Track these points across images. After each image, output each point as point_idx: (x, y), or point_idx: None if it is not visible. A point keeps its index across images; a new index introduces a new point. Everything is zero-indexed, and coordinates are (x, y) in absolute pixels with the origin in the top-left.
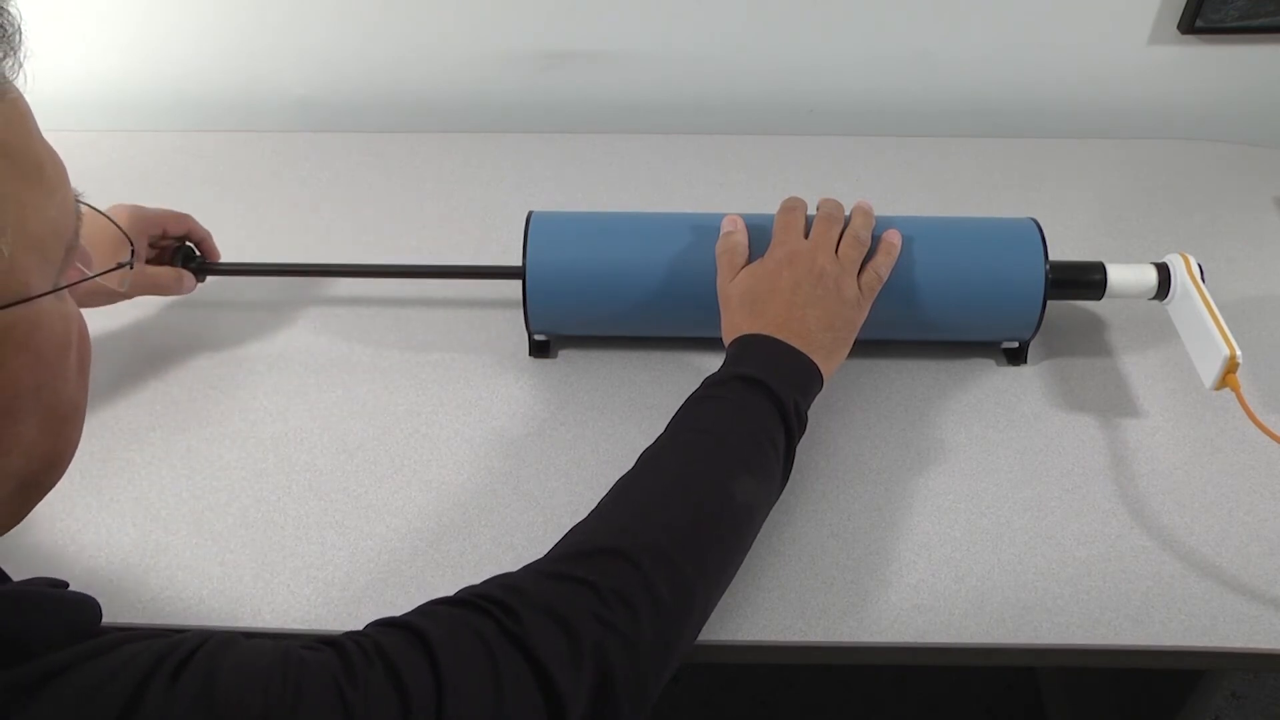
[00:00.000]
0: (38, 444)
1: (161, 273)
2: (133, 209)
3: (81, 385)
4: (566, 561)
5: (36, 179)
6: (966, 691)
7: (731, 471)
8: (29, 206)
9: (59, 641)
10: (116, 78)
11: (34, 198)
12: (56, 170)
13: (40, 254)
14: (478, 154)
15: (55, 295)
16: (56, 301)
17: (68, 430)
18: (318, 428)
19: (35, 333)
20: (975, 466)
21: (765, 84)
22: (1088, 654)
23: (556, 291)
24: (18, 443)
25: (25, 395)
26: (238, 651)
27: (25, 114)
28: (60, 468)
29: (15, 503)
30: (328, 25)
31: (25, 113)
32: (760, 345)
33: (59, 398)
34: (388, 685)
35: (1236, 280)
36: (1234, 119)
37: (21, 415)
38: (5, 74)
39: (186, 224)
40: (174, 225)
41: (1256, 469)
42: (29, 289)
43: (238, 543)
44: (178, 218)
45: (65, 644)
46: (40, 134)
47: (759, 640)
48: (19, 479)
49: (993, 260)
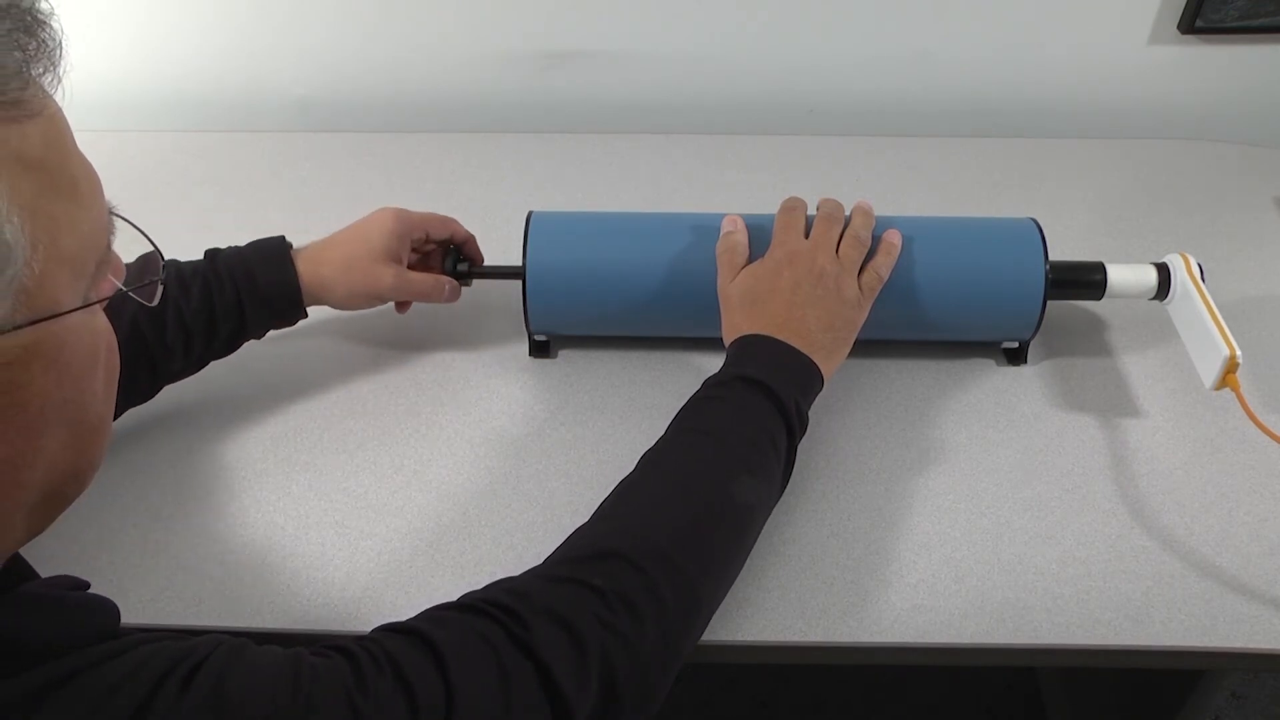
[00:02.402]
0: (63, 457)
1: (423, 280)
2: (396, 212)
3: (108, 399)
4: (570, 565)
5: (71, 195)
6: (966, 691)
7: (733, 472)
8: (62, 223)
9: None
10: (116, 78)
11: (68, 214)
12: (91, 185)
13: (71, 269)
14: (478, 154)
15: (86, 310)
16: (86, 316)
17: (94, 443)
18: (318, 428)
19: (64, 348)
20: (975, 466)
21: (765, 84)
22: (1088, 654)
23: (556, 291)
24: (43, 455)
25: (52, 409)
26: (249, 658)
27: (64, 130)
28: (85, 480)
29: (39, 514)
30: (328, 25)
31: (64, 129)
32: (761, 345)
33: (86, 412)
34: (397, 692)
35: (1236, 280)
36: (1234, 119)
37: (48, 429)
38: (45, 89)
39: (450, 226)
40: (437, 228)
41: (1256, 469)
42: (59, 305)
43: (238, 543)
44: (441, 221)
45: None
46: (77, 149)
47: (759, 640)
48: (43, 491)
49: (993, 260)
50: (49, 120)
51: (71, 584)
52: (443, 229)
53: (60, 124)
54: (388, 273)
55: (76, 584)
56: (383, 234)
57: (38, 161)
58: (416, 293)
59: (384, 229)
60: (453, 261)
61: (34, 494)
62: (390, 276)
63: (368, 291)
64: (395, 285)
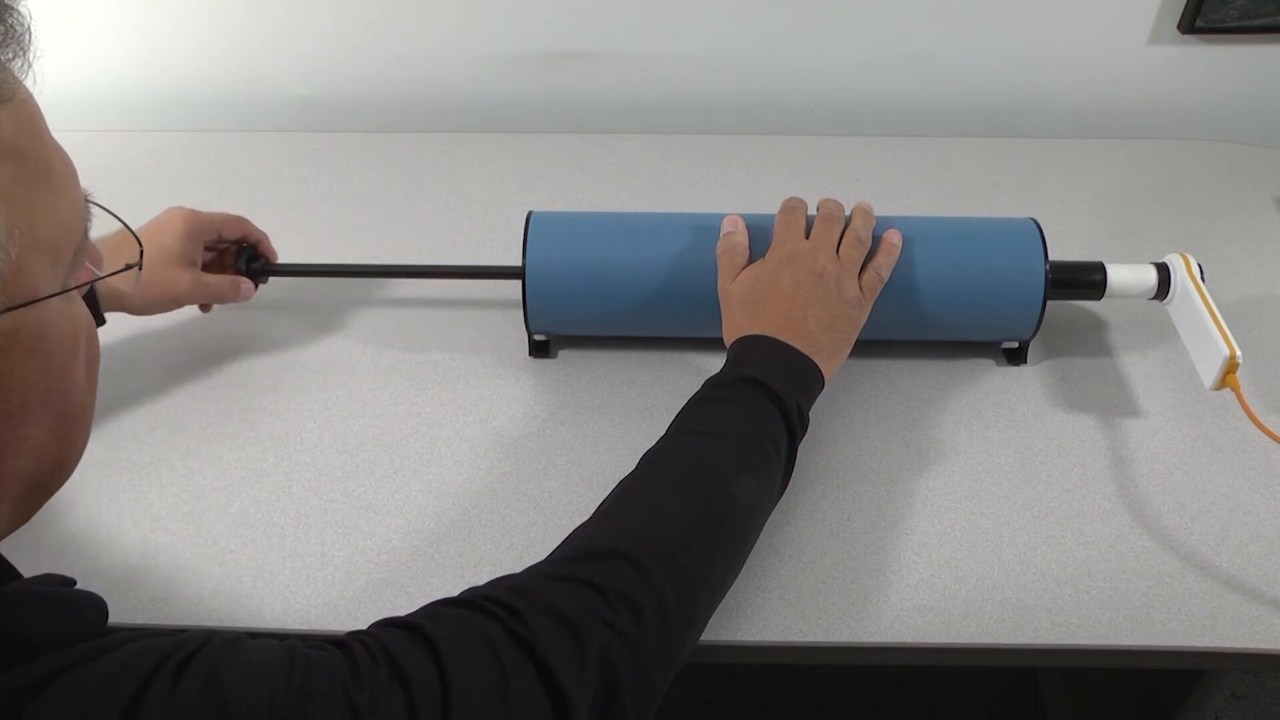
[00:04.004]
0: (46, 446)
1: (219, 281)
2: (188, 214)
3: (90, 387)
4: (570, 563)
5: (46, 181)
6: (966, 691)
7: (733, 473)
8: (38, 208)
9: (66, 640)
10: (116, 78)
11: (44, 200)
12: (66, 171)
13: (49, 256)
14: (478, 154)
15: (64, 297)
16: (65, 303)
17: (76, 432)
18: (318, 428)
19: (43, 335)
20: (975, 466)
21: (765, 84)
22: (1088, 654)
23: (556, 291)
24: (26, 445)
25: (34, 397)
26: (242, 650)
27: (35, 115)
28: (67, 470)
29: (22, 504)
30: (328, 25)
31: (35, 114)
32: (761, 346)
33: (67, 400)
34: (394, 686)
35: (1236, 280)
36: (1234, 119)
37: (30, 417)
38: (15, 74)
39: (243, 227)
40: (230, 229)
41: (1256, 469)
42: (37, 291)
43: (238, 543)
44: (234, 221)
45: (72, 642)
46: (50, 135)
47: (759, 640)
48: (26, 481)
49: (993, 260)
50: (20, 105)
51: (58, 581)
52: (236, 229)
53: (32, 109)
54: (184, 277)
55: (63, 581)
56: (176, 237)
57: (11, 147)
58: (214, 294)
59: (176, 231)
60: (245, 260)
61: (18, 484)
62: (187, 280)
63: (164, 296)
64: (192, 289)
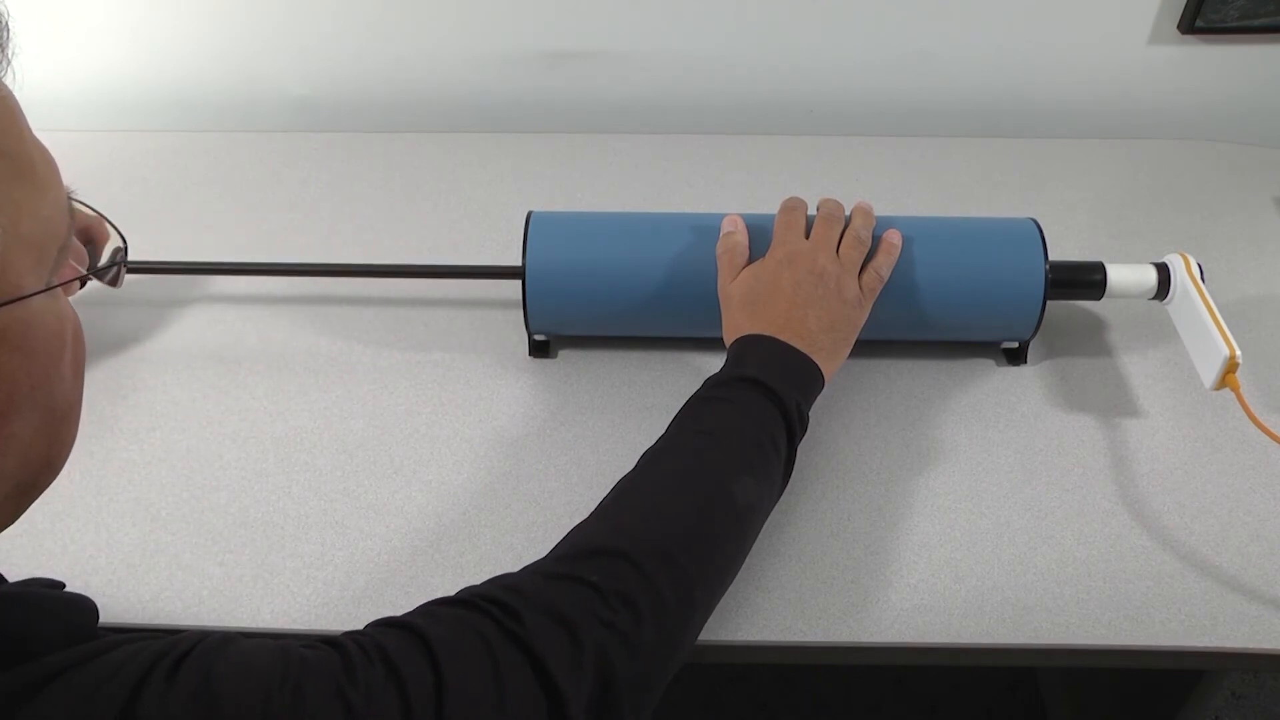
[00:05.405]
0: (34, 445)
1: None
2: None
3: (77, 385)
4: (568, 562)
5: (29, 178)
6: (966, 691)
7: (733, 472)
8: (22, 206)
9: (57, 643)
10: (116, 78)
11: (27, 196)
12: (49, 168)
13: (33, 253)
14: (478, 154)
15: (49, 294)
16: (50, 300)
17: (63, 431)
18: (317, 428)
19: (29, 332)
20: (975, 466)
21: (765, 84)
22: (1088, 654)
23: (556, 291)
24: (13, 444)
25: (20, 395)
26: (237, 650)
27: (15, 112)
28: (55, 468)
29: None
30: (328, 25)
31: (15, 111)
32: (761, 346)
33: (54, 398)
34: (388, 685)
35: (1236, 280)
36: (1234, 119)
37: (16, 416)
38: None
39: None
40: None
41: (1256, 469)
42: (21, 288)
43: (237, 543)
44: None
45: (63, 645)
46: (31, 132)
47: (759, 640)
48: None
49: (993, 260)
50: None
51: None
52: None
53: (11, 106)
54: None
55: (52, 584)
56: None
57: None
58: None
59: None
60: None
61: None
62: None
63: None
64: None
